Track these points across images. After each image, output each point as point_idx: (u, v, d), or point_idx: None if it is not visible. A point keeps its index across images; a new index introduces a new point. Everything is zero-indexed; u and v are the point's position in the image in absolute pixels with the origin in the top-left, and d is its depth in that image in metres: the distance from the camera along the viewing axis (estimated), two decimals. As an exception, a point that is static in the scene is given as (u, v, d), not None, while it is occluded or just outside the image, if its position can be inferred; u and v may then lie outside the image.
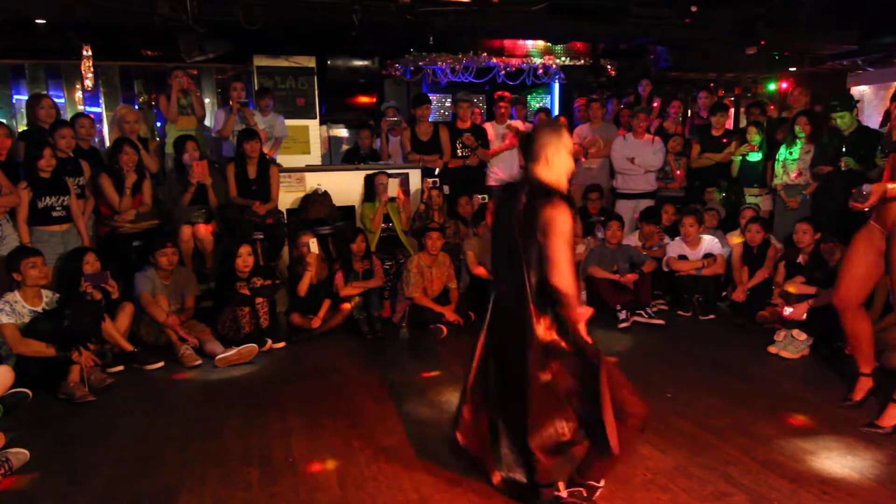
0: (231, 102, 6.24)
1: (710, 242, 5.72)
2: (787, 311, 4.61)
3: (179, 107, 6.17)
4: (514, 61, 8.47)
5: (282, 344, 4.91)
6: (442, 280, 5.46)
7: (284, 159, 6.76)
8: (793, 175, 5.78)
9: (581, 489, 2.54)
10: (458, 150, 6.53)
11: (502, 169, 6.73)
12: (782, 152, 5.90)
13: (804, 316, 4.54)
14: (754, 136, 6.16)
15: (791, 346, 4.49)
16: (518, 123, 6.87)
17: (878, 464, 2.96)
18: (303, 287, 5.11)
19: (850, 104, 5.35)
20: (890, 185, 3.19)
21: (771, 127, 6.50)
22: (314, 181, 6.18)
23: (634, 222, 6.43)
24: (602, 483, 2.57)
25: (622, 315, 5.25)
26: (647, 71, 7.68)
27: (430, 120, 6.68)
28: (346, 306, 5.21)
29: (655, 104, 7.45)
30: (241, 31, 5.66)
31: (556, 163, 2.52)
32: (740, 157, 6.28)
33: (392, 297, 5.61)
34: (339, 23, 6.01)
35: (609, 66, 8.60)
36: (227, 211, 5.65)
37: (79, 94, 7.99)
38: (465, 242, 5.74)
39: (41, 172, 4.64)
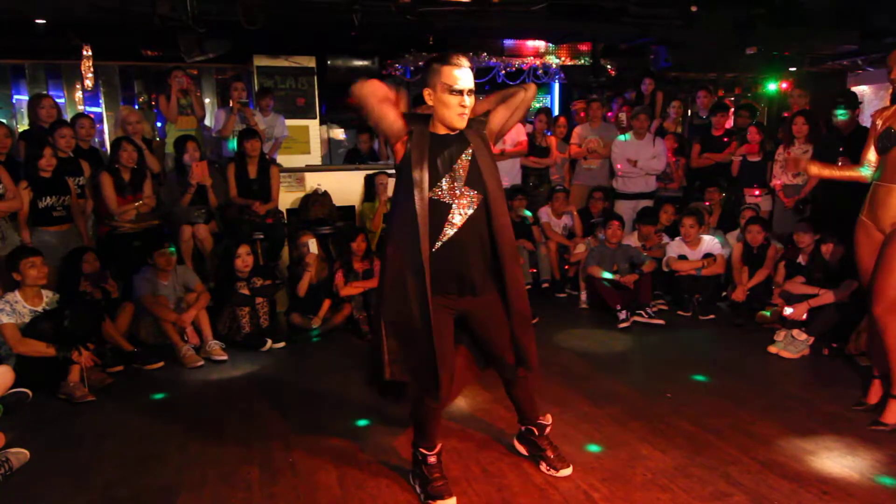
0: (231, 103, 6.24)
1: (710, 242, 5.72)
2: (787, 311, 4.61)
3: (179, 107, 6.17)
4: (515, 60, 8.48)
5: (282, 344, 4.91)
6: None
7: (284, 159, 6.76)
8: (790, 175, 5.79)
9: None
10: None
11: (500, 174, 6.69)
12: (780, 152, 5.90)
13: (804, 316, 4.54)
14: (755, 136, 6.16)
15: (791, 346, 4.49)
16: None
17: (878, 464, 2.96)
18: (302, 287, 5.11)
19: (855, 103, 5.34)
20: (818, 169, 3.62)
21: (772, 127, 6.50)
22: (314, 181, 6.18)
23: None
24: None
25: (622, 315, 5.25)
26: (647, 71, 7.67)
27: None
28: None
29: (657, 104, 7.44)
30: (241, 31, 5.66)
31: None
32: (741, 158, 6.27)
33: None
34: (339, 23, 6.01)
35: (609, 66, 8.60)
36: (227, 211, 5.66)
37: (79, 94, 7.99)
38: None
39: (42, 172, 4.63)
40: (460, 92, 2.40)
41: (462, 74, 2.41)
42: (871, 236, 3.39)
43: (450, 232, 2.46)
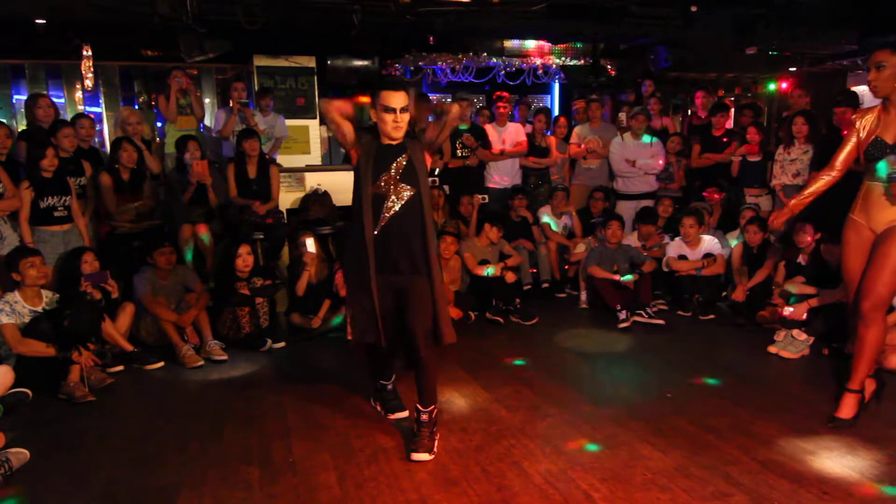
0: (231, 103, 6.24)
1: (710, 242, 5.72)
2: (787, 311, 4.61)
3: (179, 107, 6.17)
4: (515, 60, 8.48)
5: (282, 344, 4.91)
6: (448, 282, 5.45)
7: (284, 159, 6.76)
8: (790, 175, 5.79)
9: None
10: (458, 151, 6.52)
11: (500, 175, 6.72)
12: (780, 152, 5.91)
13: (804, 316, 4.54)
14: (755, 136, 6.16)
15: (791, 346, 4.49)
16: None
17: (878, 464, 2.96)
18: (301, 287, 5.10)
19: (855, 102, 5.34)
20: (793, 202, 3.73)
21: (772, 127, 6.50)
22: (314, 181, 6.18)
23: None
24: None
25: (622, 315, 5.25)
26: (647, 71, 7.67)
27: (429, 120, 6.67)
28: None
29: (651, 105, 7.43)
30: (241, 31, 5.67)
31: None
32: (741, 158, 6.27)
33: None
34: (339, 23, 6.02)
35: (609, 66, 8.60)
36: (227, 211, 5.65)
37: (79, 94, 8.00)
38: (462, 244, 5.74)
39: (44, 172, 4.62)
40: (393, 110, 2.98)
41: (394, 97, 2.98)
42: (861, 235, 3.37)
43: (387, 216, 3.04)
